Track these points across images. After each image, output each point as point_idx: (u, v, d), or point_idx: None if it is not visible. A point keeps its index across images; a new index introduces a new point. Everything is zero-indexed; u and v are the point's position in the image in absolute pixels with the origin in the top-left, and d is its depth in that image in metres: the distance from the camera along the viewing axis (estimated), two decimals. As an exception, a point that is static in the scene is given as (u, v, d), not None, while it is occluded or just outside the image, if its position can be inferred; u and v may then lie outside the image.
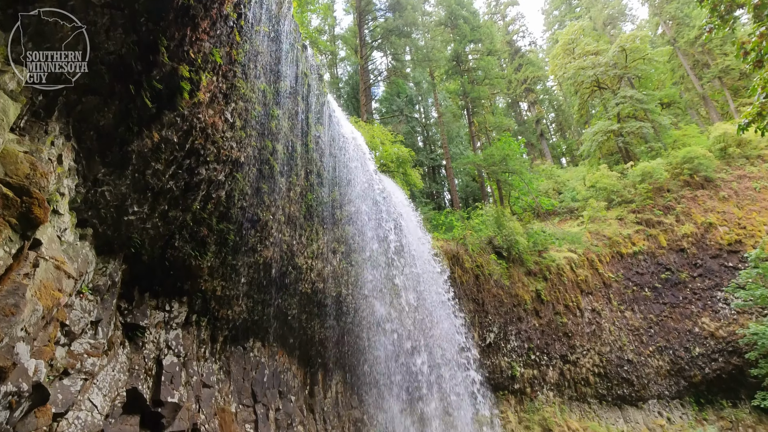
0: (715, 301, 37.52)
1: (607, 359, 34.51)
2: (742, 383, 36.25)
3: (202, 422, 10.78)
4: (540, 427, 30.22)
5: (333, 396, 18.65)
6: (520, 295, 30.75)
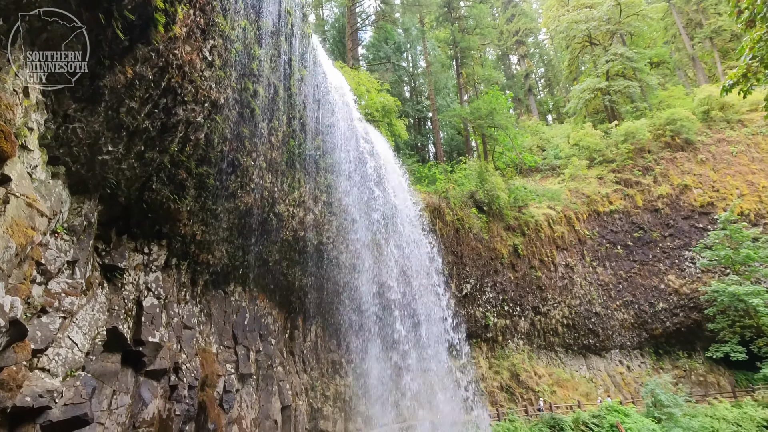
0: (682, 260, 39.16)
1: (576, 312, 36.18)
2: (698, 336, 38.65)
3: (184, 361, 11.05)
4: (509, 372, 31.98)
5: (312, 340, 19.24)
6: (497, 249, 31.51)
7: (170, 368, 10.47)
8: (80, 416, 7.38)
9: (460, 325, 19.93)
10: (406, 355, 16.51)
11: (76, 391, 7.53)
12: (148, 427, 9.61)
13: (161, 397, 10.31)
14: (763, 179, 40.10)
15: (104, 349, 8.83)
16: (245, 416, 13.56)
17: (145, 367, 9.84)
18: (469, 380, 20.02)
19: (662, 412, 28.55)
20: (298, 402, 16.55)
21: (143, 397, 9.71)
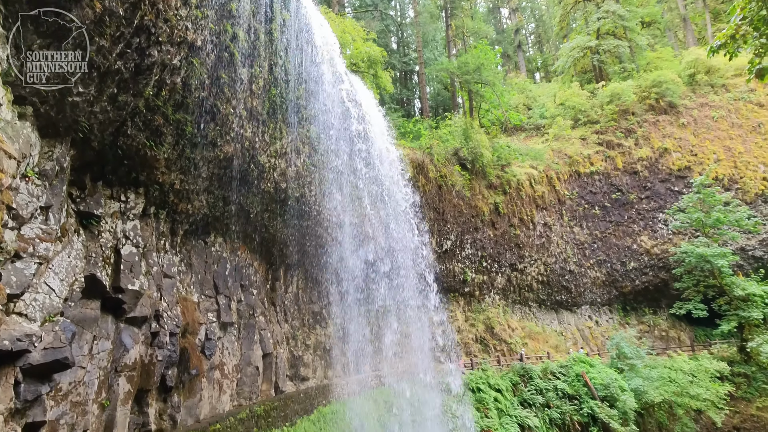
0: (655, 222, 40.37)
1: (551, 269, 37.37)
2: (664, 294, 40.57)
3: (164, 309, 11.13)
4: (484, 325, 33.26)
5: (294, 291, 19.52)
6: (479, 207, 31.87)
7: (151, 316, 10.55)
8: (60, 360, 7.44)
9: (438, 279, 20.44)
10: (385, 306, 16.95)
11: (55, 335, 7.55)
12: (130, 371, 9.79)
13: (142, 343, 10.44)
14: (739, 145, 40.90)
15: (83, 296, 8.80)
16: (227, 362, 13.90)
17: (126, 314, 9.89)
18: (445, 332, 20.76)
19: (625, 363, 30.32)
20: (279, 350, 16.99)
21: (124, 343, 9.82)
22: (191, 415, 11.71)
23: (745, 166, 40.02)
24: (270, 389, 16.16)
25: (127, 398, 9.66)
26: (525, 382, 27.19)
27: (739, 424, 30.67)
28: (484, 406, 24.12)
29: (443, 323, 20.33)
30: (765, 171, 39.44)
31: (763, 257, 38.94)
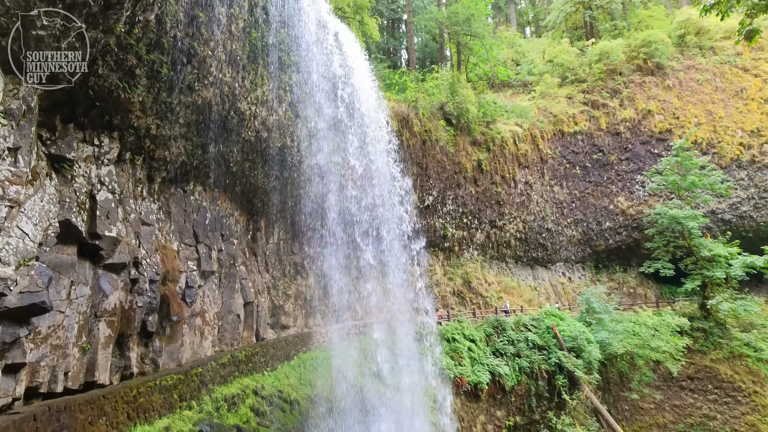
0: (633, 183, 41.18)
1: (529, 227, 38.16)
2: (635, 253, 42.08)
3: (144, 257, 11.06)
4: (461, 279, 34.19)
5: (275, 242, 19.56)
6: (462, 163, 31.87)
7: (130, 262, 10.49)
8: (38, 303, 7.41)
9: (419, 233, 20.69)
10: (366, 258, 17.17)
11: (31, 279, 7.47)
12: (110, 317, 9.83)
13: (122, 289, 10.44)
14: (721, 110, 41.30)
15: (58, 241, 8.66)
16: (208, 310, 14.06)
17: (104, 261, 9.81)
18: (423, 285, 21.29)
19: (593, 317, 31.81)
20: (260, 299, 17.23)
21: (103, 289, 9.80)
22: (173, 359, 11.95)
23: (724, 130, 40.62)
24: (251, 336, 16.52)
25: (107, 342, 9.76)
26: (498, 333, 28.38)
27: (693, 374, 32.92)
28: (459, 355, 25.23)
29: (422, 276, 20.81)
30: (742, 136, 40.16)
31: (732, 220, 40.42)
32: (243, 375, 14.33)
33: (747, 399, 31.61)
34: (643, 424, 32.15)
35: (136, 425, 9.24)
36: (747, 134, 39.96)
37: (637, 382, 31.28)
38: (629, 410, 32.23)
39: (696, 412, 32.06)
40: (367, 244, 17.05)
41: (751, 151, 39.67)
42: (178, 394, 11.01)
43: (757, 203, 39.82)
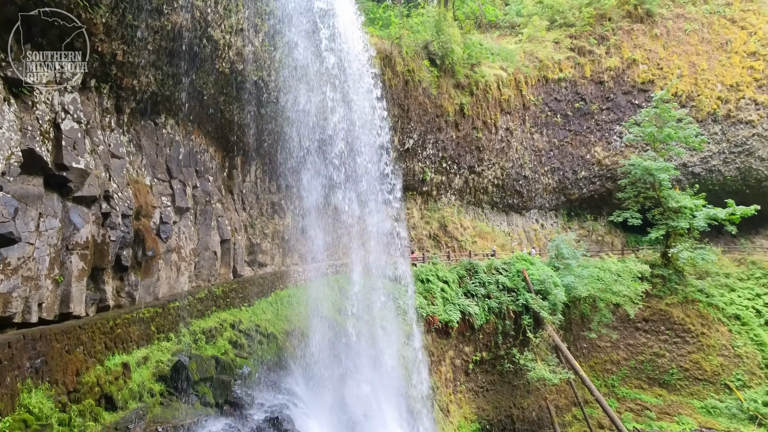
0: (611, 134, 41.55)
1: (507, 174, 38.53)
2: (607, 203, 43.30)
3: (115, 190, 10.77)
4: (438, 223, 34.79)
5: (252, 180, 19.27)
6: (444, 107, 31.35)
7: (100, 196, 10.21)
8: (5, 234, 7.23)
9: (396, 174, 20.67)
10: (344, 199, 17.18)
11: (-5, 210, 7.22)
12: (83, 250, 9.70)
13: (93, 223, 10.23)
14: (704, 62, 41.18)
15: (22, 171, 8.30)
16: (184, 246, 14.01)
17: (72, 193, 9.51)
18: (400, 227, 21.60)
19: (562, 262, 33.18)
20: (237, 237, 17.22)
21: (74, 222, 9.58)
22: (149, 293, 12.03)
23: (705, 83, 40.76)
24: (228, 273, 16.67)
25: (81, 275, 9.70)
26: (470, 275, 29.42)
27: (648, 316, 35.26)
28: (431, 295, 26.20)
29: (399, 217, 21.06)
30: (722, 90, 40.44)
31: (701, 174, 41.64)
32: (220, 309, 14.61)
33: (694, 340, 34.26)
34: (598, 361, 34.70)
35: (114, 354, 9.43)
36: (726, 88, 40.25)
37: (597, 322, 33.36)
38: (587, 348, 34.61)
39: (647, 351, 34.69)
40: (345, 184, 16.98)
41: (727, 106, 40.17)
42: (156, 326, 11.20)
43: (726, 158, 40.93)
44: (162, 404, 9.70)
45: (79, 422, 7.69)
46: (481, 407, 28.25)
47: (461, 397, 27.40)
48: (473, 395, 28.25)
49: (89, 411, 8.11)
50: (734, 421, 31.07)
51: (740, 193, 40.37)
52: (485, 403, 28.46)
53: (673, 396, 33.24)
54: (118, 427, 8.15)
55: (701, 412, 32.09)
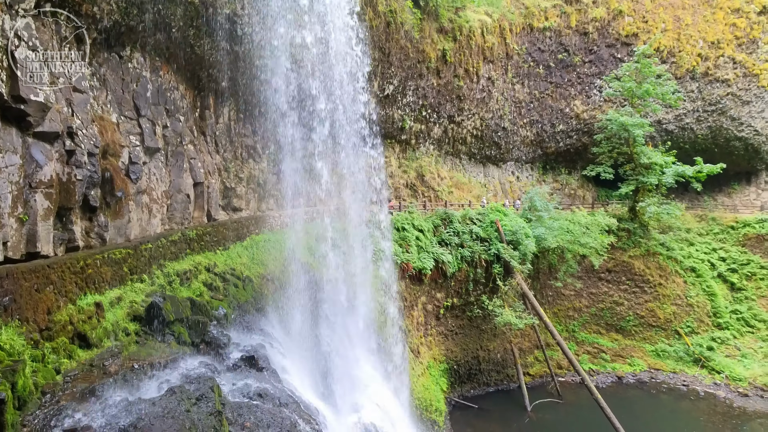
0: (591, 88, 41.45)
1: (486, 124, 38.37)
2: (582, 157, 43.97)
3: (79, 127, 10.25)
4: (415, 173, 34.79)
5: (225, 122, 18.63)
6: (426, 52, 30.44)
7: (63, 132, 9.71)
8: (-39, 169, 6.85)
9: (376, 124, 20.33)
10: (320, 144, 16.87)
11: (-52, 142, 6.79)
12: (47, 189, 9.34)
13: (57, 161, 9.79)
14: (689, 16, 40.74)
15: (-25, 102, 7.77)
16: (155, 188, 13.66)
17: (33, 128, 9.01)
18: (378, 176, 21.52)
19: (534, 214, 34.01)
20: (210, 180, 16.86)
21: (36, 159, 9.14)
22: (120, 234, 11.81)
23: (687, 39, 40.57)
24: (202, 216, 16.46)
25: (47, 214, 9.39)
26: (445, 225, 29.94)
27: (611, 267, 36.99)
28: (406, 243, 26.67)
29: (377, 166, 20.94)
30: (702, 47, 40.40)
31: (674, 131, 42.41)
32: (195, 253, 14.54)
33: (652, 290, 36.35)
34: (561, 308, 36.60)
35: (86, 294, 9.37)
36: (707, 45, 40.21)
37: (563, 272, 34.84)
38: (552, 296, 36.35)
39: (608, 299, 36.71)
40: (322, 129, 16.62)
41: (706, 63, 40.32)
42: (128, 267, 11.10)
43: (700, 116, 41.64)
44: (137, 343, 9.81)
45: (53, 359, 7.74)
46: (450, 349, 29.74)
47: (431, 339, 28.70)
48: (443, 338, 29.63)
49: (63, 348, 8.14)
50: (680, 364, 33.78)
51: (709, 151, 41.54)
52: (454, 346, 29.95)
53: (627, 340, 35.66)
54: (93, 364, 8.24)
55: (651, 355, 34.67)
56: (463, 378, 30.02)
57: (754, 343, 34.18)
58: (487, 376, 30.94)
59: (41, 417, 6.25)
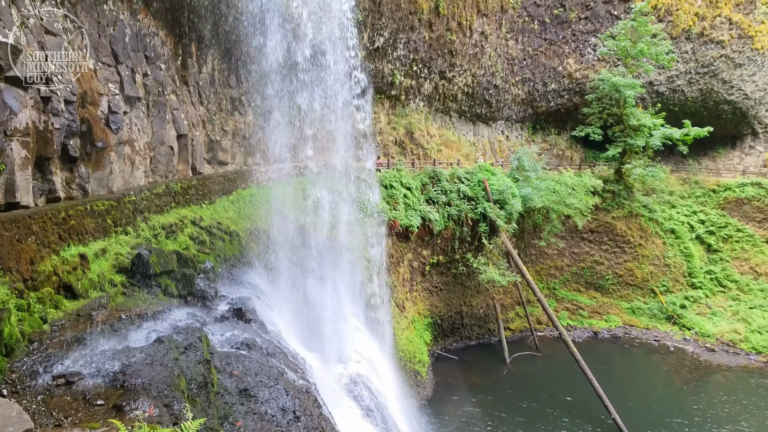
0: (586, 45, 40.61)
1: (478, 81, 37.63)
2: (572, 117, 43.70)
3: (54, 72, 9.78)
4: (404, 129, 34.34)
5: (209, 72, 17.97)
6: (419, 3, 29.28)
7: (37, 77, 9.27)
8: (-71, 113, 6.54)
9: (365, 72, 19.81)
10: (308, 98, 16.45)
11: None
12: (23, 137, 9.02)
13: (33, 107, 9.40)
14: (690, -28, 39.55)
15: (-61, 42, 7.32)
16: (137, 139, 13.30)
17: (4, 72, 8.57)
18: (366, 132, 21.21)
19: (521, 174, 34.13)
20: (195, 132, 16.45)
21: (9, 105, 8.76)
22: (103, 186, 11.59)
23: (686, -4, 39.59)
24: (187, 170, 16.18)
25: (25, 164, 9.12)
26: (433, 183, 29.94)
27: (594, 228, 37.73)
28: (394, 201, 26.72)
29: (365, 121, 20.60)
30: (700, 6, 39.50)
31: (665, 93, 42.15)
32: (180, 206, 14.40)
33: (632, 250, 37.34)
34: (544, 266, 37.53)
35: (69, 245, 9.28)
36: (705, 4, 39.33)
37: (547, 232, 35.46)
38: (535, 255, 37.17)
39: (589, 259, 37.68)
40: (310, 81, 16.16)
41: (703, 23, 39.58)
42: (112, 219, 10.97)
43: (692, 78, 41.32)
44: (124, 294, 9.85)
45: (39, 308, 7.75)
46: (434, 304, 30.55)
47: (416, 295, 29.38)
48: (428, 294, 30.35)
49: (49, 298, 8.15)
50: (653, 320, 35.29)
51: (697, 114, 41.57)
52: (438, 301, 30.75)
53: (605, 298, 36.97)
54: (80, 314, 8.29)
55: (627, 312, 36.10)
56: (446, 332, 31.05)
57: (724, 302, 35.72)
58: (470, 330, 32.02)
59: (29, 364, 6.33)
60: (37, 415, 5.32)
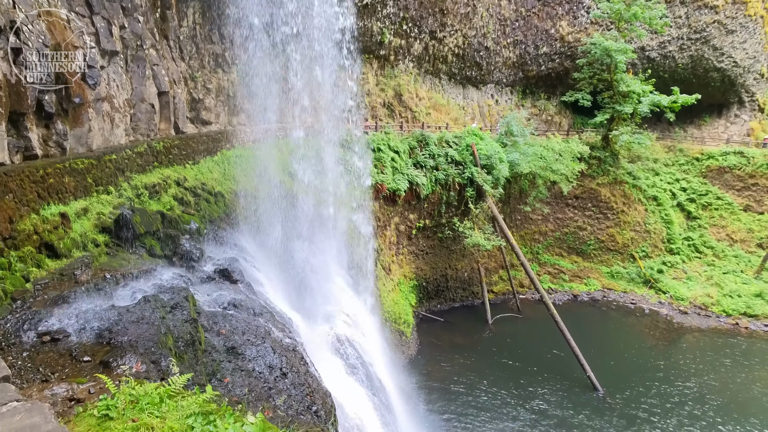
0: (579, 8, 39.68)
1: (469, 43, 36.76)
2: (562, 83, 43.24)
3: (24, 21, 9.27)
4: (393, 91, 33.71)
5: (190, 25, 17.21)
6: (410, -43, 28.10)
7: (5, 27, 8.78)
8: None
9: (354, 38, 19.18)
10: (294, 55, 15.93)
11: None
12: (-5, 90, 8.63)
13: (3, 59, 8.95)
14: (689, -68, 38.42)
15: None
16: (116, 95, 12.84)
17: (-31, 20, 8.10)
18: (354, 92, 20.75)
19: (510, 139, 34.02)
20: (176, 89, 15.92)
21: (-22, 56, 8.33)
22: (81, 144, 11.25)
23: (683, -42, 38.65)
24: (169, 128, 15.76)
25: (-2, 119, 8.78)
26: (421, 147, 29.73)
27: (579, 194, 38.17)
28: (381, 164, 26.54)
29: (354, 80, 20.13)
30: (697, -32, 38.67)
31: (656, 59, 41.79)
32: (163, 166, 14.11)
33: (614, 216, 38.02)
34: (528, 231, 38.11)
35: (49, 204, 9.09)
36: (702, -34, 38.51)
37: (533, 197, 35.81)
38: (521, 220, 37.64)
39: (572, 224, 38.32)
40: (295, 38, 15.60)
41: (699, -14, 38.89)
42: (93, 178, 10.72)
43: (683, 44, 40.94)
44: (108, 254, 9.77)
45: (21, 267, 7.66)
46: (420, 267, 31.01)
47: (402, 258, 29.75)
48: (413, 257, 30.74)
49: (30, 257, 8.04)
50: (631, 284, 36.44)
51: (687, 81, 41.45)
52: (424, 264, 31.21)
53: (586, 263, 37.91)
54: (63, 273, 8.23)
55: (606, 277, 37.16)
56: (431, 294, 31.71)
57: (699, 267, 36.93)
58: (454, 292, 32.74)
59: (13, 321, 6.31)
60: (24, 371, 5.36)
